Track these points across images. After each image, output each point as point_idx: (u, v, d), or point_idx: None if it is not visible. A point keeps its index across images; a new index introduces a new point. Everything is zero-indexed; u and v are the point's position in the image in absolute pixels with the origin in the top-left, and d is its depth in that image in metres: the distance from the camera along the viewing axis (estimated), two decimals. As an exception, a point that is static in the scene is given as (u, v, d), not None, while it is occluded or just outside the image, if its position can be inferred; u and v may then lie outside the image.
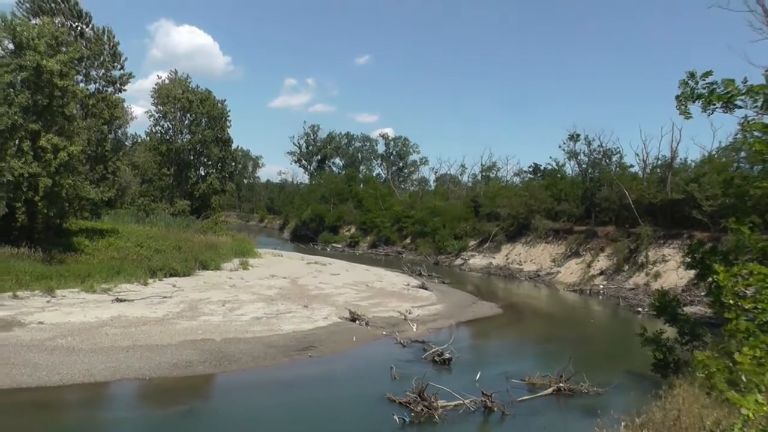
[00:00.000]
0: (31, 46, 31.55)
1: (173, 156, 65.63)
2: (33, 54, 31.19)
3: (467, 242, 70.72)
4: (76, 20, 48.35)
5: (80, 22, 48.52)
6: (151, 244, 41.83)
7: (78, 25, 48.37)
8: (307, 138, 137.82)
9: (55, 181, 31.38)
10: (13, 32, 32.22)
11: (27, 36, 31.79)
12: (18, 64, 31.32)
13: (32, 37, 31.76)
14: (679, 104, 16.89)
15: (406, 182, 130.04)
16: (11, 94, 31.20)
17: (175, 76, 68.03)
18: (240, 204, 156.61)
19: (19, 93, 31.28)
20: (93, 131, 43.03)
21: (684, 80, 16.57)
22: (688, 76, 16.55)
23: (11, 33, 32.40)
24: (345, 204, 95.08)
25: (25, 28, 32.36)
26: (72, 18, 48.10)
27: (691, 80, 16.44)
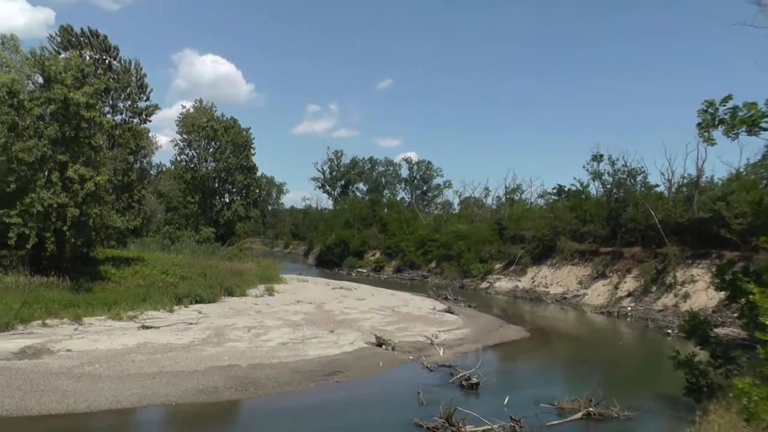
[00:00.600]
0: (58, 80, 32.11)
1: (198, 184, 66.14)
2: (60, 87, 31.73)
3: (493, 265, 70.29)
4: (105, 53, 49.31)
5: (108, 55, 49.49)
6: (176, 271, 42.02)
7: (106, 58, 49.31)
8: (330, 163, 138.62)
9: (82, 210, 31.75)
10: (42, 66, 32.84)
11: (55, 70, 32.36)
12: (47, 98, 31.90)
13: (59, 71, 32.32)
14: (701, 132, 16.57)
15: (431, 206, 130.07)
16: (41, 126, 31.71)
17: (200, 105, 68.82)
18: (264, 230, 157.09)
19: (48, 125, 31.81)
20: (119, 161, 43.61)
21: (702, 109, 16.26)
22: (706, 105, 16.24)
23: (40, 67, 33.02)
24: (369, 229, 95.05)
25: (53, 63, 32.91)
26: (101, 51, 49.07)
27: (711, 108, 16.15)
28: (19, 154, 30.05)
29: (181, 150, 67.84)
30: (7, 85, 30.37)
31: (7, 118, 30.32)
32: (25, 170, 30.69)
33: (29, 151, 30.28)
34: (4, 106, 30.35)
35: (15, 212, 30.15)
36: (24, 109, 30.71)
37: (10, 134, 30.44)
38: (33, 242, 30.77)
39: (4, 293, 28.23)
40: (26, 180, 30.91)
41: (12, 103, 30.54)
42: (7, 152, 30.20)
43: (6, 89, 30.36)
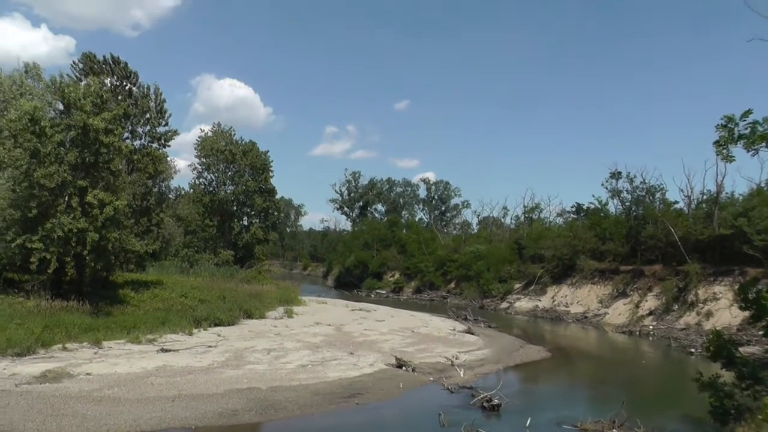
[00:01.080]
0: (78, 106, 32.52)
1: (217, 207, 66.52)
2: (80, 113, 32.12)
3: (512, 285, 69.94)
4: (125, 80, 49.94)
5: (128, 82, 50.11)
6: (195, 294, 42.11)
7: (126, 85, 49.94)
8: (348, 185, 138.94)
9: (101, 235, 31.93)
10: (62, 93, 33.28)
11: (74, 96, 32.77)
12: (67, 124, 32.27)
13: (79, 98, 32.72)
14: (719, 150, 16.33)
15: (449, 226, 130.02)
16: (61, 152, 32.07)
17: (218, 129, 69.36)
18: (283, 252, 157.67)
19: (69, 151, 32.15)
20: (138, 185, 43.95)
21: (721, 124, 16.03)
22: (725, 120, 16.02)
23: (60, 94, 33.47)
24: (388, 250, 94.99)
25: (73, 90, 33.33)
26: (121, 78, 49.71)
27: (730, 123, 15.93)
28: (41, 180, 30.39)
29: (200, 174, 68.41)
30: (30, 113, 30.77)
31: (29, 145, 30.71)
32: (46, 196, 31.02)
33: (50, 177, 30.61)
34: (27, 133, 30.76)
35: (37, 237, 30.44)
36: (45, 135, 31.09)
37: (32, 161, 30.82)
38: (54, 267, 30.97)
39: (26, 317, 28.41)
40: (47, 205, 31.23)
41: (34, 130, 30.93)
42: (29, 178, 30.57)
43: (28, 117, 30.76)
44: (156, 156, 47.51)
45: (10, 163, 31.05)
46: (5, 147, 31.76)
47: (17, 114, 31.15)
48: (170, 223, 54.75)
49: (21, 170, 30.68)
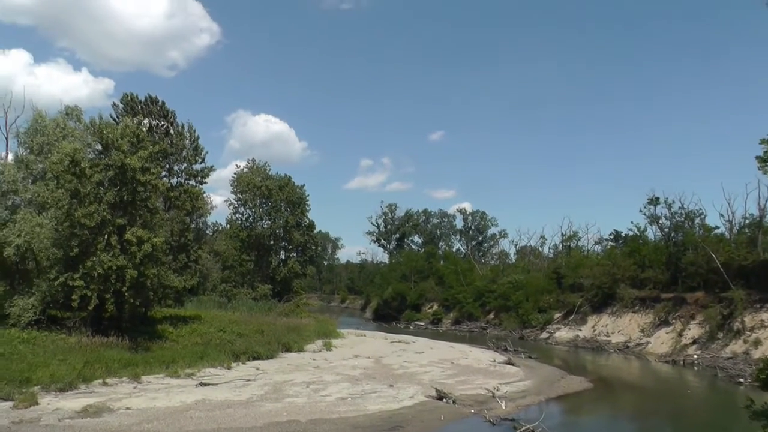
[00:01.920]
0: (115, 146, 33.26)
1: (254, 242, 67.09)
2: (117, 153, 32.83)
3: (552, 315, 69.09)
4: (163, 119, 51.03)
5: (166, 121, 51.17)
6: (233, 328, 42.34)
7: (164, 124, 51.00)
8: (385, 217, 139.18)
9: (140, 272, 32.38)
10: (101, 134, 34.09)
11: (112, 137, 33.54)
12: (105, 164, 32.97)
13: (116, 138, 33.48)
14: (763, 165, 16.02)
15: (487, 256, 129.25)
16: (100, 192, 32.73)
17: (253, 165, 70.22)
18: (321, 286, 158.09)
19: (107, 191, 32.80)
20: (176, 222, 44.54)
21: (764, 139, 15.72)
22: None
23: (99, 135, 34.28)
24: (426, 281, 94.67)
25: (110, 130, 34.14)
26: (159, 117, 50.80)
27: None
28: (81, 219, 31.00)
29: (236, 209, 69.33)
30: (70, 155, 31.54)
31: (70, 186, 31.41)
32: (86, 234, 31.62)
33: (90, 216, 31.21)
34: (68, 175, 31.48)
35: (78, 275, 30.96)
36: (85, 176, 31.79)
37: (73, 201, 31.50)
38: (94, 304, 31.43)
39: (68, 353, 28.84)
40: (88, 244, 31.81)
41: (74, 171, 31.65)
42: (71, 218, 31.21)
43: (69, 158, 31.52)
44: (193, 193, 48.18)
45: (53, 204, 31.83)
46: (48, 188, 32.56)
47: (59, 156, 31.93)
48: (208, 258, 55.26)
49: (63, 210, 31.39)
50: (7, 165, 37.34)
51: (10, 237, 32.21)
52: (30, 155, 36.65)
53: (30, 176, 36.05)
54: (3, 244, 32.11)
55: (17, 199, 35.69)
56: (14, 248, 32.03)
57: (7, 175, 35.37)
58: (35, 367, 26.25)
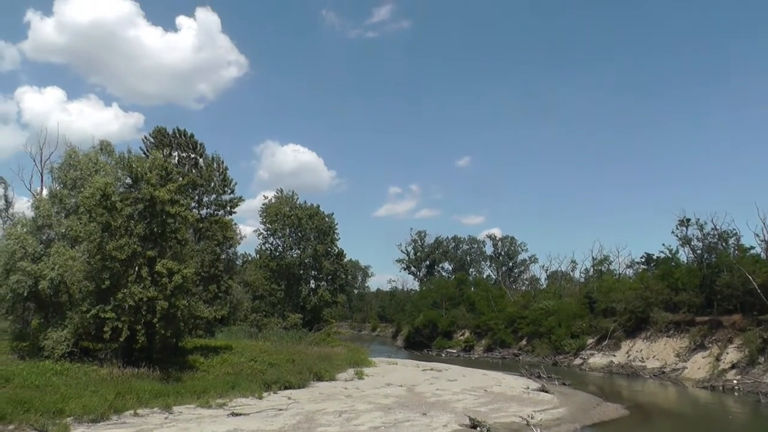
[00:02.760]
0: (144, 179, 33.74)
1: (283, 271, 67.34)
2: (147, 186, 33.30)
3: (585, 340, 68.19)
4: (192, 151, 51.72)
5: (195, 153, 51.85)
6: (264, 358, 42.34)
7: (193, 156, 51.68)
8: (414, 244, 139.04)
9: (171, 303, 32.64)
10: (130, 168, 34.64)
11: (141, 170, 34.07)
12: (135, 197, 33.44)
13: (145, 171, 34.00)
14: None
15: (517, 282, 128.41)
16: (131, 225, 33.15)
17: (281, 195, 70.73)
18: (352, 314, 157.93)
19: (138, 223, 33.22)
20: (207, 253, 44.91)
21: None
22: None
23: (129, 169, 34.83)
24: (457, 308, 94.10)
25: (140, 164, 34.68)
26: (188, 149, 51.50)
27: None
28: (113, 252, 31.42)
29: (266, 239, 69.74)
30: (101, 189, 32.02)
31: (102, 219, 31.88)
32: (117, 267, 32.01)
33: (121, 249, 31.63)
34: (99, 208, 31.95)
35: (109, 307, 31.34)
36: (116, 209, 32.26)
37: (104, 234, 31.95)
38: (126, 335, 31.70)
39: (99, 385, 29.04)
40: (119, 276, 32.20)
41: (105, 204, 32.12)
42: (102, 251, 31.65)
43: (100, 193, 32.00)
44: (223, 224, 48.60)
45: (85, 237, 32.31)
46: (81, 222, 33.07)
47: (91, 190, 32.45)
48: (238, 288, 55.58)
49: (94, 243, 31.86)
50: (42, 200, 38.08)
51: (44, 270, 32.71)
52: (63, 190, 37.35)
53: (63, 210, 36.70)
54: (38, 277, 32.59)
55: (51, 233, 36.32)
56: (48, 281, 32.50)
57: (42, 210, 36.04)
58: (68, 398, 26.44)
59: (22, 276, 32.46)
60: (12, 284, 32.54)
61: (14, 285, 32.50)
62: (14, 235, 34.41)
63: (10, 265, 32.97)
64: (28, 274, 32.44)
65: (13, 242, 33.76)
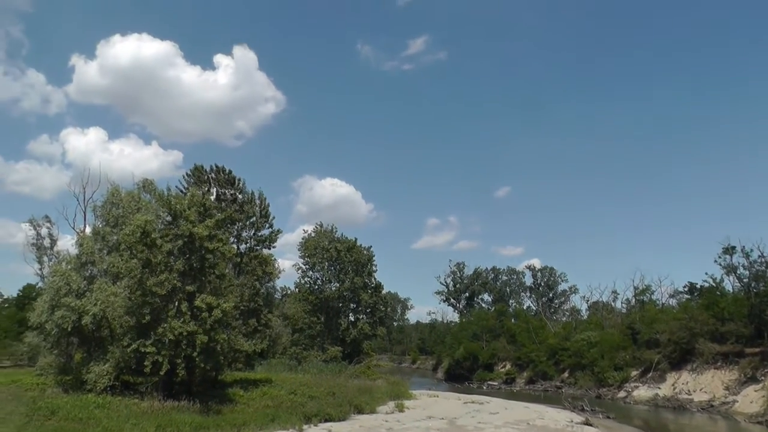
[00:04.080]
0: (183, 216, 34.40)
1: (322, 304, 67.61)
2: (185, 223, 33.93)
3: (628, 372, 66.90)
4: (231, 186, 52.51)
5: (234, 189, 52.65)
6: (304, 390, 42.34)
7: (233, 192, 52.46)
8: (453, 276, 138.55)
9: (210, 337, 32.99)
10: (170, 205, 35.35)
11: (179, 208, 34.75)
12: (174, 234, 34.07)
13: (184, 208, 34.65)
14: None
15: (558, 313, 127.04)
16: (171, 261, 33.76)
17: (320, 228, 71.30)
18: (391, 347, 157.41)
19: (177, 260, 33.81)
20: (246, 287, 45.36)
21: None
22: None
23: (168, 206, 35.55)
24: (497, 340, 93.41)
25: (178, 201, 35.39)
26: (227, 186, 52.30)
27: None
28: (153, 288, 32.01)
29: (305, 273, 70.12)
30: (141, 227, 32.71)
31: (142, 256, 32.53)
32: (157, 302, 32.58)
33: (161, 284, 32.21)
34: (140, 245, 32.62)
35: (150, 342, 31.80)
36: (156, 246, 32.90)
37: (145, 270, 32.56)
38: (166, 369, 32.08)
39: (140, 418, 29.37)
40: (159, 311, 32.76)
41: (146, 241, 32.78)
42: (143, 287, 32.24)
43: (140, 230, 32.68)
44: (263, 258, 49.10)
45: (126, 274, 32.95)
46: (122, 258, 33.74)
47: (131, 228, 33.16)
48: (277, 322, 55.91)
49: (135, 279, 32.48)
50: (85, 237, 39.01)
51: (87, 306, 33.35)
52: (106, 227, 38.17)
53: (106, 247, 37.46)
54: (81, 312, 33.23)
55: (94, 269, 37.09)
56: (91, 317, 33.11)
57: (86, 248, 36.87)
58: (110, 431, 26.84)
59: (67, 311, 33.16)
60: (57, 319, 33.26)
61: (59, 320, 33.20)
62: (59, 272, 35.25)
63: (56, 301, 33.73)
64: (72, 310, 33.12)
65: (58, 279, 34.58)
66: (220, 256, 35.42)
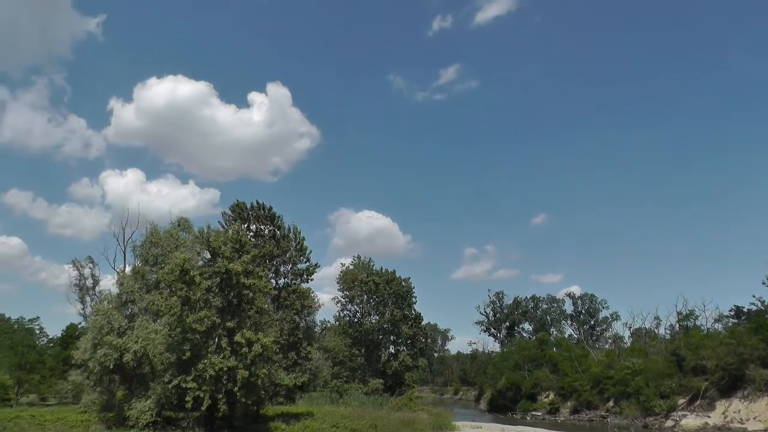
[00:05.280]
0: (219, 253, 34.94)
1: (363, 337, 67.67)
2: (222, 260, 34.45)
3: (675, 401, 65.27)
4: (270, 223, 53.18)
5: (272, 225, 53.28)
6: (346, 423, 42.27)
7: (272, 228, 53.12)
8: (493, 306, 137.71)
9: (251, 371, 33.33)
10: (208, 243, 36.00)
11: (217, 244, 35.34)
12: (213, 271, 34.63)
13: (220, 245, 35.21)
14: None
15: (600, 341, 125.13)
16: (209, 297, 34.25)
17: (358, 261, 71.65)
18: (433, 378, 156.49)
19: (216, 296, 34.30)
20: (286, 321, 45.69)
21: None
22: None
23: (206, 244, 36.19)
24: (540, 370, 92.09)
25: (215, 238, 35.98)
26: (266, 222, 53.00)
27: None
28: (193, 324, 32.56)
29: (344, 306, 70.37)
30: (180, 265, 33.33)
31: (181, 293, 33.14)
32: (197, 339, 33.11)
33: (201, 321, 32.75)
34: (179, 283, 33.20)
35: (191, 378, 32.24)
36: (195, 283, 33.49)
37: (184, 307, 33.12)
38: (207, 404, 32.42)
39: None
40: (199, 347, 33.22)
41: (185, 279, 33.38)
42: (182, 324, 32.78)
43: (179, 268, 33.29)
44: (301, 292, 49.47)
45: (166, 311, 33.51)
46: (162, 296, 34.34)
47: (170, 266, 33.79)
48: (317, 355, 56.05)
49: (175, 317, 33.04)
50: (125, 277, 39.83)
51: (128, 344, 33.96)
52: (145, 266, 38.93)
53: (145, 286, 38.16)
54: (123, 350, 33.81)
55: (135, 308, 37.84)
56: (132, 354, 33.67)
57: (126, 287, 37.67)
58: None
59: (109, 349, 33.79)
60: (99, 357, 33.89)
61: (101, 358, 33.83)
62: (101, 311, 35.97)
63: (98, 339, 34.43)
64: (114, 348, 33.73)
65: (100, 318, 35.29)
66: (257, 291, 35.85)
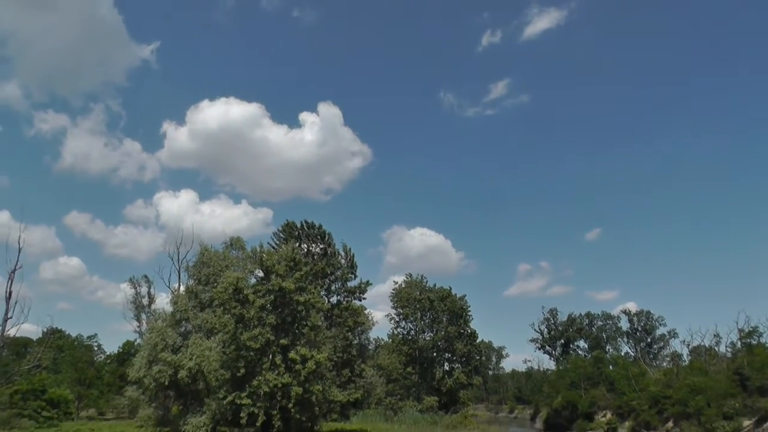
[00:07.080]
0: (273, 271, 35.23)
1: (417, 354, 67.38)
2: (275, 278, 34.75)
3: (740, 422, 63.00)
4: (321, 242, 53.48)
5: (324, 243, 53.58)
6: (400, 440, 42.18)
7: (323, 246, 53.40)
8: (547, 323, 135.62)
9: (305, 388, 33.57)
10: (261, 262, 36.36)
11: (270, 263, 35.66)
12: (267, 289, 34.94)
13: (273, 264, 35.52)
14: None
15: (657, 359, 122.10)
16: (263, 315, 34.54)
17: (411, 279, 71.48)
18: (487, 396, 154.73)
19: (269, 314, 34.57)
20: (339, 338, 45.76)
21: None
22: None
23: (260, 263, 36.58)
24: (596, 388, 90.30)
25: (268, 257, 36.33)
26: (317, 240, 53.31)
27: None
28: (247, 342, 32.97)
29: (397, 323, 70.14)
30: (233, 284, 33.75)
31: (235, 312, 33.61)
32: (252, 356, 33.46)
33: (255, 338, 33.17)
34: (232, 302, 33.61)
35: (245, 394, 32.64)
36: (249, 302, 33.92)
37: (238, 325, 33.54)
38: (262, 420, 32.73)
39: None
40: (253, 364, 33.59)
41: (238, 298, 33.80)
42: (237, 341, 33.18)
43: (233, 287, 33.69)
44: (354, 309, 49.54)
45: (220, 329, 34.01)
46: (216, 314, 34.77)
47: (224, 285, 34.22)
48: (371, 372, 55.94)
49: (229, 334, 33.47)
50: (179, 295, 40.61)
51: (183, 360, 34.46)
52: (198, 285, 39.50)
53: (199, 304, 38.75)
54: (177, 367, 34.31)
55: (188, 325, 38.44)
56: (187, 371, 34.17)
57: (180, 305, 38.34)
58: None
59: (164, 366, 34.38)
60: (154, 374, 34.50)
61: (156, 375, 34.43)
62: (156, 329, 36.66)
63: (153, 356, 35.05)
64: (169, 364, 34.30)
65: (155, 335, 35.96)
66: (310, 307, 36.03)
